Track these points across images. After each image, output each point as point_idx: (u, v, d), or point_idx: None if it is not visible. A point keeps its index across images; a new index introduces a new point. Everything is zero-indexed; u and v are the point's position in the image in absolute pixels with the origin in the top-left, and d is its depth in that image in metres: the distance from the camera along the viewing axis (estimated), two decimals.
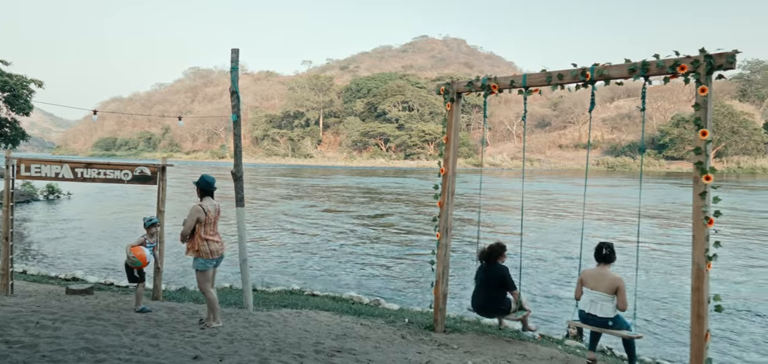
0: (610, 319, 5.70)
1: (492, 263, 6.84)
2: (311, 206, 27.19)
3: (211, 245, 6.14)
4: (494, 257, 6.85)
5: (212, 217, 6.20)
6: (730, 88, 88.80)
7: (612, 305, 5.70)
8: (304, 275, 12.37)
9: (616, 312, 5.72)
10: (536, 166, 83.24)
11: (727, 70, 4.85)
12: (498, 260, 6.86)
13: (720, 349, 7.82)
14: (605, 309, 5.71)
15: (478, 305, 6.86)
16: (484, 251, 6.94)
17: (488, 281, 6.78)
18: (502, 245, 6.92)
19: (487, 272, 6.85)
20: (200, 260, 6.10)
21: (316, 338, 6.05)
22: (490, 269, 6.83)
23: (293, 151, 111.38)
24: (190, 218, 6.07)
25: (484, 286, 6.79)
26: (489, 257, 6.87)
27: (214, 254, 6.17)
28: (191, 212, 6.09)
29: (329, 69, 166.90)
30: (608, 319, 5.70)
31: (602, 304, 5.72)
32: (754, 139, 70.23)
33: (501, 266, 6.82)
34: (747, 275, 12.63)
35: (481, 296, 6.82)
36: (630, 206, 27.84)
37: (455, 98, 6.78)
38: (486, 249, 6.93)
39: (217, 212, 6.30)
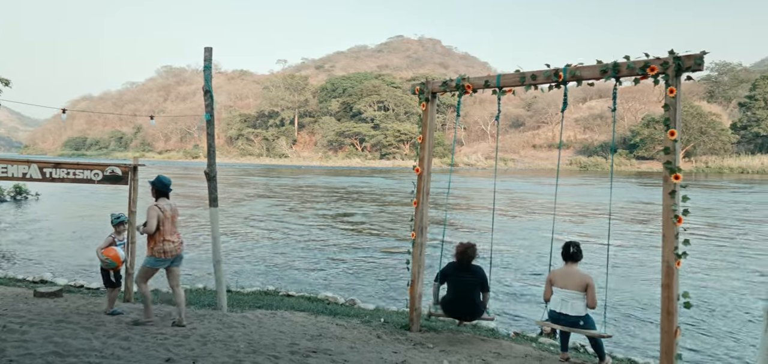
0: (582, 318, 5.72)
1: (469, 264, 6.59)
2: (281, 206, 27.04)
3: (166, 245, 6.29)
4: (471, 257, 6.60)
5: (169, 216, 6.35)
6: (698, 89, 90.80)
7: (583, 302, 5.73)
8: (278, 276, 12.29)
9: (586, 310, 5.76)
10: (510, 166, 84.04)
11: (695, 72, 4.96)
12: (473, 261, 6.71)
13: (689, 345, 7.99)
14: (576, 307, 5.72)
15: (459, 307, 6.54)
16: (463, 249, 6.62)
17: (469, 282, 6.48)
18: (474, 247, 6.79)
19: (465, 272, 6.53)
20: (152, 259, 6.27)
21: (292, 339, 6.02)
22: (469, 270, 6.55)
23: (268, 151, 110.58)
24: (152, 218, 6.21)
25: (465, 287, 6.48)
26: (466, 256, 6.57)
27: (168, 254, 6.32)
28: (150, 212, 6.25)
29: (304, 68, 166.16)
30: (579, 318, 5.71)
31: (573, 302, 5.74)
32: (722, 139, 71.89)
33: (479, 267, 6.61)
34: (714, 271, 12.93)
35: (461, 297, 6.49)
36: (600, 205, 28.27)
37: (430, 98, 6.81)
38: (462, 248, 6.64)
39: (173, 211, 6.45)
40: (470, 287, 6.45)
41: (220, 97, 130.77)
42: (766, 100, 72.93)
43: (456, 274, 6.54)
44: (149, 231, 6.22)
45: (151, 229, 6.20)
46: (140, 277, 6.39)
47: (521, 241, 17.00)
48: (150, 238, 6.28)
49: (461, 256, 6.54)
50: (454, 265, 6.60)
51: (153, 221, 6.21)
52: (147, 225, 6.22)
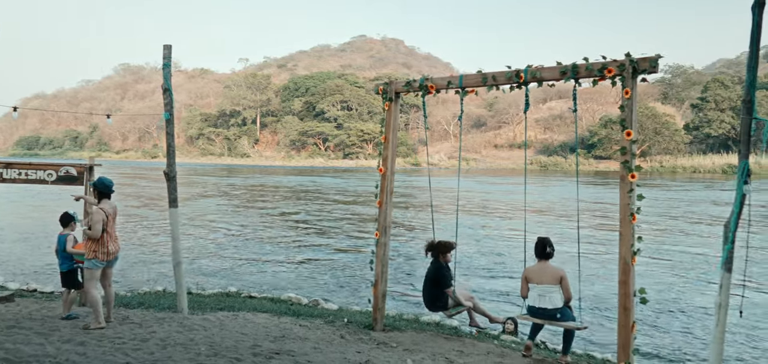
0: (559, 310, 5.91)
1: (436, 259, 6.97)
2: (239, 206, 26.72)
3: (110, 246, 6.34)
4: (439, 253, 6.96)
5: (111, 217, 6.40)
6: (653, 91, 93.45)
7: (559, 295, 5.92)
8: (239, 277, 12.14)
9: (562, 302, 5.93)
10: (473, 165, 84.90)
11: (650, 74, 5.11)
12: (443, 257, 6.94)
13: (646, 340, 8.21)
14: (554, 300, 5.90)
15: (425, 300, 7.06)
16: (431, 245, 7.05)
17: (430, 277, 6.95)
18: (450, 244, 6.99)
19: (429, 267, 7.03)
20: (96, 261, 6.26)
21: (254, 341, 5.95)
22: (433, 265, 7.00)
23: (229, 151, 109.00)
24: (97, 222, 6.20)
25: (428, 282, 6.97)
26: (435, 251, 6.99)
27: (111, 255, 6.37)
28: (95, 215, 6.22)
29: (267, 67, 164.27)
30: (557, 310, 5.90)
31: (551, 296, 5.92)
32: (675, 139, 74.10)
33: (440, 264, 6.94)
34: (670, 267, 13.32)
35: (426, 291, 7.00)
36: (559, 203, 28.82)
37: (393, 98, 6.83)
38: (433, 243, 7.04)
39: (114, 212, 6.49)
40: (428, 281, 6.98)
41: (180, 95, 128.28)
42: (716, 102, 75.51)
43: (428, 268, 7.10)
44: (96, 235, 6.20)
45: (96, 233, 6.19)
46: (89, 282, 6.31)
47: (483, 240, 17.19)
48: (94, 240, 6.25)
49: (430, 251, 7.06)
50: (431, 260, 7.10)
51: (98, 226, 6.20)
52: (92, 229, 6.20)
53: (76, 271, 6.89)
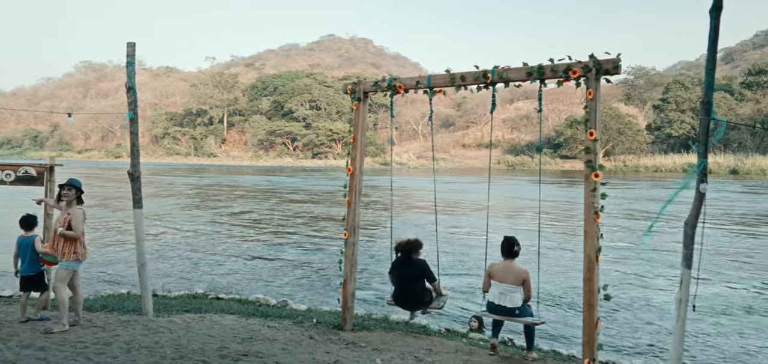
0: (517, 308, 6.01)
1: (411, 257, 6.95)
2: (204, 206, 26.38)
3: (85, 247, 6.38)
4: (412, 251, 6.96)
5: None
6: (616, 92, 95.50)
7: (520, 295, 6.02)
8: (205, 278, 11.97)
9: (522, 302, 6.03)
10: (441, 165, 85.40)
11: (613, 75, 5.22)
12: (415, 255, 6.98)
13: (610, 336, 8.38)
14: (514, 300, 6.00)
15: (403, 298, 6.95)
16: (402, 245, 7.02)
17: (409, 274, 6.87)
18: (420, 242, 7.07)
19: (406, 266, 6.93)
20: (75, 262, 6.25)
21: (221, 343, 5.88)
22: (410, 262, 6.93)
23: (196, 150, 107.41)
24: (81, 221, 6.21)
25: (405, 280, 6.89)
26: (409, 250, 6.96)
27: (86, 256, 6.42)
28: (80, 215, 6.22)
29: (234, 66, 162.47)
30: (516, 308, 6.01)
31: (511, 295, 6.01)
32: (638, 139, 75.85)
33: (421, 260, 6.97)
34: (634, 264, 13.62)
35: (403, 290, 6.91)
36: (526, 202, 29.21)
37: (362, 98, 6.84)
38: (403, 243, 7.02)
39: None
40: (411, 280, 6.87)
41: (144, 94, 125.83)
42: (677, 103, 77.53)
43: (399, 268, 6.99)
44: (79, 235, 6.21)
45: (80, 234, 6.21)
46: (61, 283, 6.20)
47: (451, 239, 17.32)
48: (76, 240, 6.23)
49: (400, 251, 7.01)
50: (399, 259, 7.03)
51: (83, 225, 6.26)
52: (76, 229, 6.17)
53: (43, 274, 6.73)
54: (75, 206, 6.33)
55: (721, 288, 11.28)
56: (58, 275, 6.27)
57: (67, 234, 6.15)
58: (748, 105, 77.09)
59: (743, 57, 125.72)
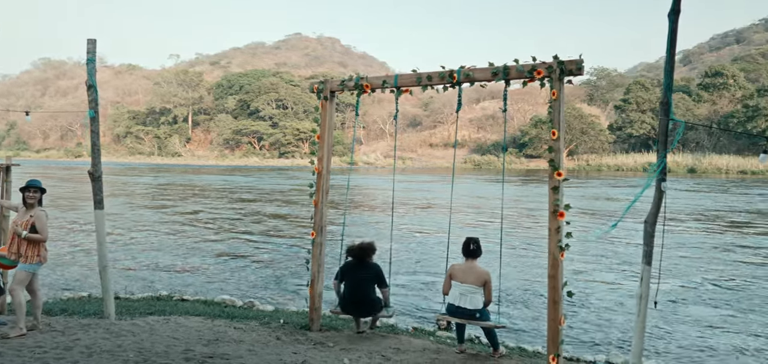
0: (478, 311, 5.98)
1: (364, 261, 6.77)
2: (169, 207, 25.95)
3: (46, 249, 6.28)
4: (367, 255, 6.80)
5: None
6: (579, 92, 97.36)
7: (480, 297, 6.00)
8: (167, 280, 11.78)
9: (483, 304, 6.03)
10: (409, 164, 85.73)
11: (576, 76, 5.32)
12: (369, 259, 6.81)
13: (573, 331, 8.54)
14: (474, 301, 5.98)
15: (353, 302, 6.69)
16: (355, 248, 6.83)
17: (363, 278, 6.67)
18: (374, 246, 6.92)
19: (359, 269, 6.72)
20: (37, 265, 6.13)
21: (186, 345, 5.79)
22: (364, 266, 6.74)
23: (160, 150, 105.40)
24: (46, 224, 6.13)
25: (359, 283, 6.66)
26: (362, 254, 6.79)
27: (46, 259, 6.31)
28: (44, 217, 6.11)
29: (199, 64, 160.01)
30: (476, 311, 5.97)
31: (471, 296, 5.99)
32: (600, 139, 77.45)
33: (375, 263, 6.80)
34: (597, 261, 13.92)
35: (355, 294, 6.66)
36: (492, 201, 29.55)
37: (329, 97, 6.82)
38: (357, 246, 6.84)
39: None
40: (364, 284, 6.65)
41: (106, 92, 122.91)
42: (638, 103, 79.44)
43: (352, 271, 6.73)
44: (46, 238, 6.12)
45: (46, 236, 6.12)
46: (21, 283, 6.01)
47: (417, 238, 17.40)
48: (40, 243, 6.11)
49: (355, 254, 6.78)
50: (351, 263, 6.80)
51: (48, 229, 6.19)
52: (42, 231, 6.06)
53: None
54: (37, 208, 6.16)
55: (681, 284, 11.60)
56: (16, 277, 6.07)
57: (34, 238, 5.99)
58: (704, 106, 79.50)
59: (700, 59, 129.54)
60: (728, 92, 79.78)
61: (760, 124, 66.51)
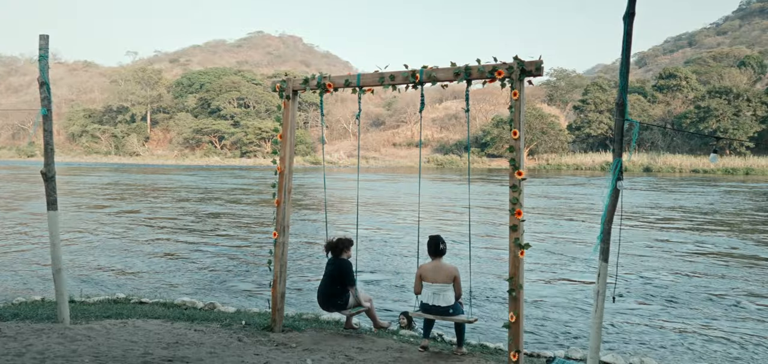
0: (451, 307, 6.13)
1: (337, 257, 6.94)
2: (123, 208, 25.37)
3: None
4: (340, 251, 6.94)
5: None
6: (540, 93, 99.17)
7: (452, 293, 6.14)
8: (126, 282, 11.50)
9: (454, 300, 6.15)
10: (372, 164, 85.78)
11: (536, 77, 5.41)
12: (343, 255, 6.96)
13: (534, 329, 8.69)
14: (447, 298, 6.12)
15: (321, 298, 6.94)
16: (331, 244, 7.00)
17: (331, 274, 6.87)
18: (349, 240, 7.04)
19: (330, 265, 6.95)
20: None
21: (145, 349, 5.66)
22: (335, 262, 6.92)
23: (117, 149, 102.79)
24: None
25: (328, 279, 6.88)
26: (335, 250, 6.94)
27: None
28: None
29: (157, 61, 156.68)
30: (449, 307, 6.12)
31: (444, 294, 6.11)
32: (560, 139, 78.96)
33: (344, 260, 6.93)
34: (557, 258, 14.19)
35: (322, 287, 6.92)
36: (454, 200, 29.82)
37: (291, 96, 6.77)
38: (333, 242, 7.00)
39: None
40: (330, 280, 6.86)
41: (60, 90, 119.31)
42: (595, 104, 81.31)
43: (327, 266, 7.00)
44: None
45: None
46: None
47: (379, 237, 17.43)
48: None
49: (330, 249, 7.01)
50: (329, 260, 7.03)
51: None
52: None
53: None
54: None
55: (638, 279, 11.92)
56: None
57: None
58: (659, 107, 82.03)
59: (655, 61, 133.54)
60: (681, 94, 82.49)
61: (711, 124, 68.90)
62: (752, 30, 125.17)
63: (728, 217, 23.15)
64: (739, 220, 22.25)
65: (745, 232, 19.06)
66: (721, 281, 11.85)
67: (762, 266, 13.47)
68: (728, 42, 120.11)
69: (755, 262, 13.90)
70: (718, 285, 11.52)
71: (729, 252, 15.23)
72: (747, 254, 14.90)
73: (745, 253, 15.13)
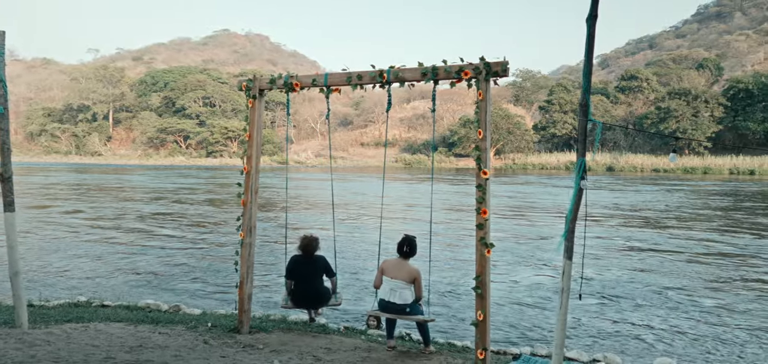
0: (408, 305, 6.12)
1: (311, 255, 7.04)
2: (84, 209, 24.80)
3: None
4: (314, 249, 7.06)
5: None
6: (506, 93, 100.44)
7: (410, 292, 6.13)
8: (88, 285, 11.23)
9: (413, 299, 6.14)
10: (340, 163, 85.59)
11: (502, 77, 5.47)
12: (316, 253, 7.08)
13: (500, 326, 8.79)
14: (404, 296, 6.11)
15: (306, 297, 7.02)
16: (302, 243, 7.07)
17: (312, 272, 6.98)
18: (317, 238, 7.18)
19: (308, 264, 7.01)
20: None
21: (107, 353, 5.54)
22: (312, 260, 7.03)
23: (78, 149, 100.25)
24: None
25: (309, 278, 6.97)
26: (309, 249, 7.03)
27: None
28: None
29: (120, 59, 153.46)
30: (406, 305, 6.11)
31: (401, 292, 6.11)
32: (526, 139, 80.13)
33: (321, 256, 7.10)
34: (523, 257, 14.38)
35: (308, 288, 6.99)
36: (419, 200, 29.97)
37: (258, 95, 6.71)
38: (304, 241, 7.07)
39: None
40: (314, 277, 6.99)
41: (18, 87, 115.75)
42: (560, 104, 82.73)
43: (301, 266, 7.00)
44: None
45: None
46: None
47: (347, 237, 17.40)
48: None
49: (304, 248, 7.05)
50: (299, 258, 7.05)
51: None
52: None
53: None
54: None
55: (602, 276, 12.17)
56: None
57: None
58: (621, 107, 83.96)
59: (617, 63, 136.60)
60: (642, 95, 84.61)
61: (671, 125, 70.80)
62: (709, 33, 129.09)
63: (688, 214, 23.82)
64: (700, 217, 22.92)
65: (710, 230, 19.63)
66: (681, 278, 12.18)
67: (719, 262, 13.89)
68: (687, 45, 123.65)
69: (710, 258, 14.33)
70: (677, 282, 11.84)
71: (688, 248, 15.66)
72: (707, 251, 15.35)
73: (704, 250, 15.58)
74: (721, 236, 17.99)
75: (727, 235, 18.26)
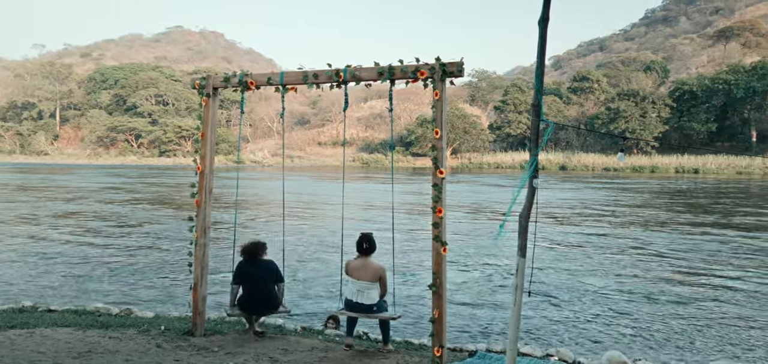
0: (375, 304, 6.18)
1: (259, 259, 6.76)
2: (25, 211, 23.92)
3: None
4: (260, 253, 6.79)
5: None
6: (462, 93, 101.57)
7: (376, 292, 6.19)
8: (34, 289, 10.83)
9: (379, 298, 6.18)
10: (297, 163, 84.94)
11: (457, 77, 5.54)
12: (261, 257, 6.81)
13: (457, 325, 8.89)
14: (371, 296, 6.16)
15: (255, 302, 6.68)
16: (249, 248, 6.79)
17: (261, 276, 6.66)
18: (264, 244, 6.92)
19: (256, 268, 6.71)
20: None
21: (54, 359, 5.36)
22: (260, 264, 6.74)
23: (22, 148, 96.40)
24: None
25: (258, 282, 6.65)
26: (256, 253, 6.76)
27: None
28: None
29: (67, 55, 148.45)
30: (373, 304, 6.17)
31: (368, 292, 6.15)
32: (481, 138, 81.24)
33: (269, 260, 6.82)
34: (478, 256, 14.57)
35: (257, 293, 6.65)
36: (380, 199, 30.05)
37: (212, 93, 6.61)
38: (250, 245, 6.81)
39: None
40: (263, 282, 6.65)
41: None
42: (515, 104, 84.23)
43: (248, 271, 6.68)
44: None
45: None
46: None
47: (302, 237, 17.30)
48: None
49: (250, 253, 6.74)
50: (245, 263, 6.74)
51: None
52: None
53: None
54: None
55: (552, 273, 12.45)
56: None
57: None
58: (573, 108, 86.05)
59: (569, 64, 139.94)
60: (593, 96, 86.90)
61: (621, 125, 72.94)
62: (656, 37, 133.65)
63: (638, 212, 24.61)
64: (648, 215, 23.70)
65: (658, 225, 20.31)
66: (632, 271, 12.58)
67: (667, 257, 14.41)
68: (635, 48, 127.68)
69: (661, 255, 14.85)
70: (631, 277, 12.22)
71: (639, 246, 16.18)
72: (655, 249, 15.90)
73: (653, 248, 16.12)
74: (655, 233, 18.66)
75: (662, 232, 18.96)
